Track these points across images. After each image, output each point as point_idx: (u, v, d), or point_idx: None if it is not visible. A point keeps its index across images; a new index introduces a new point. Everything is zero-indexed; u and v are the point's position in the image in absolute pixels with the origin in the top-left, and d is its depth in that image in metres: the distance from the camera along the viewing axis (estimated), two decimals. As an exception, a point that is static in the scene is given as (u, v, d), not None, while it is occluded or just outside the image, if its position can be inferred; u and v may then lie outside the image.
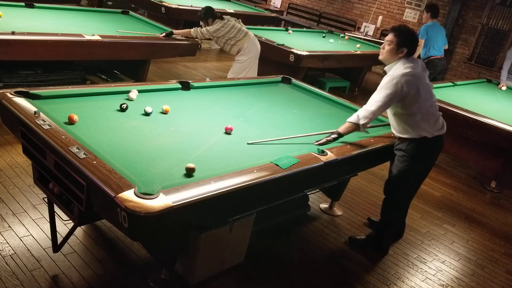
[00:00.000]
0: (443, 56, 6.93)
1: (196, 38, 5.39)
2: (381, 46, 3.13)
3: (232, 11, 7.15)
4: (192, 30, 5.36)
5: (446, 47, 7.08)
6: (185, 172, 2.24)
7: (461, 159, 5.57)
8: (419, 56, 6.77)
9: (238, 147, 2.74)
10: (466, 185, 5.16)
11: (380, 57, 3.14)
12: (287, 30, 8.03)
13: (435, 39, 6.76)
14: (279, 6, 11.76)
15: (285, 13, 11.54)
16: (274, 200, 2.91)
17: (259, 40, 6.23)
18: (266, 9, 10.11)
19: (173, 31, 5.36)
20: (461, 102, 5.11)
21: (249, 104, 3.59)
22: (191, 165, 2.24)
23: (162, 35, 5.26)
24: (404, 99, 3.01)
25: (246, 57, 5.47)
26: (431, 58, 6.81)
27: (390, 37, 3.06)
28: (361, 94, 7.88)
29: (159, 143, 2.58)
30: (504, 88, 6.67)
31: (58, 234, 2.74)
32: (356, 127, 3.04)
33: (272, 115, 3.44)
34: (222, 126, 2.93)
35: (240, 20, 5.60)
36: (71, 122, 2.51)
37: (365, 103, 3.12)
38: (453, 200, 4.70)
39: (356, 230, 3.76)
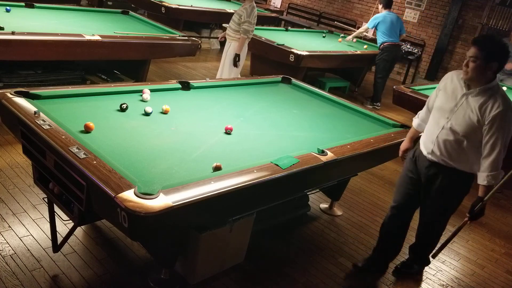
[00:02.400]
0: (397, 43, 7.29)
1: (248, 36, 5.55)
2: (464, 64, 2.66)
3: (232, 11, 7.14)
4: (241, 36, 5.48)
5: (404, 36, 7.53)
6: (213, 170, 2.32)
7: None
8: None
9: (238, 147, 2.74)
10: (466, 185, 5.15)
11: (465, 77, 2.66)
12: (286, 30, 8.05)
13: (389, 27, 7.11)
14: (279, 6, 11.76)
15: (285, 13, 11.54)
16: (274, 200, 2.91)
17: (259, 40, 6.28)
18: (266, 9, 10.10)
19: (237, 54, 5.54)
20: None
21: (249, 104, 3.59)
22: (218, 164, 2.32)
23: (237, 65, 5.58)
24: None
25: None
26: (386, 44, 7.15)
27: (473, 51, 2.58)
28: (361, 94, 7.89)
29: (159, 143, 2.58)
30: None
31: (58, 234, 2.74)
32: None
33: (272, 115, 3.44)
34: (222, 126, 2.93)
35: None
36: (87, 130, 2.48)
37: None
38: (453, 200, 4.70)
39: (356, 230, 3.76)
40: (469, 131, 2.68)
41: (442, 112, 2.79)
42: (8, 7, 4.94)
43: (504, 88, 6.56)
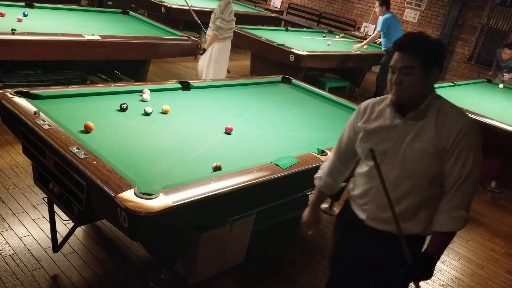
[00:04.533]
0: None
1: (221, 33, 5.50)
2: (393, 80, 1.79)
3: (232, 11, 7.17)
4: (213, 33, 5.42)
5: None
6: (213, 170, 2.33)
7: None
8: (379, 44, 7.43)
9: (238, 147, 2.74)
10: (466, 185, 5.15)
11: (398, 98, 1.81)
12: (286, 30, 8.06)
13: (396, 30, 7.04)
14: (279, 6, 11.75)
15: (285, 13, 11.54)
16: (274, 200, 2.91)
17: (259, 40, 6.27)
18: (266, 9, 10.11)
19: (204, 48, 5.53)
20: (461, 102, 5.08)
21: (249, 104, 3.59)
22: (218, 164, 2.33)
23: (197, 57, 5.57)
24: None
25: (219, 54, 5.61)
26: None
27: (404, 59, 1.76)
28: (361, 94, 7.88)
29: (159, 143, 2.58)
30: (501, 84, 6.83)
31: (58, 234, 2.74)
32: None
33: (272, 115, 3.44)
34: (222, 126, 2.93)
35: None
36: (87, 130, 2.48)
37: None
38: (453, 200, 4.70)
39: (356, 230, 3.76)
40: (429, 170, 1.81)
41: (379, 159, 1.82)
42: (25, 11, 4.95)
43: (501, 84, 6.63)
